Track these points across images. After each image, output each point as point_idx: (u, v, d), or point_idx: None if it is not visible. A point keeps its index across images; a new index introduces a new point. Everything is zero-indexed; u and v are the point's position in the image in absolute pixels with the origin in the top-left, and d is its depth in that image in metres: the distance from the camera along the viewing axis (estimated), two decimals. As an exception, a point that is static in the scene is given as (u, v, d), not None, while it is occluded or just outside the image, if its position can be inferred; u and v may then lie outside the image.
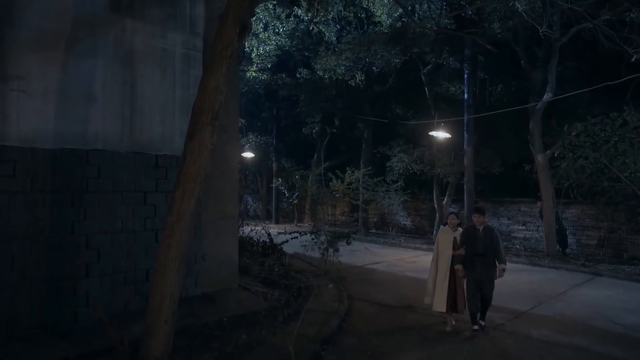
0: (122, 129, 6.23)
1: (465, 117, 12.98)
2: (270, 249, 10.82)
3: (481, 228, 6.14)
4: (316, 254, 9.78)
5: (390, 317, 6.91)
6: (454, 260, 6.21)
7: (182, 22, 6.85)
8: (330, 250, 9.48)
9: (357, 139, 18.96)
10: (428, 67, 14.49)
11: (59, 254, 5.65)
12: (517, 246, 13.60)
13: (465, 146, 13.32)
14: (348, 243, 8.96)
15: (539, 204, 12.50)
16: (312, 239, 9.64)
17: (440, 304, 6.24)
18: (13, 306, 5.30)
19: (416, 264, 11.34)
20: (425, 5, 12.11)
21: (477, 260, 6.02)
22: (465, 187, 13.32)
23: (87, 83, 5.90)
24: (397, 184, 14.73)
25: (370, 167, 13.72)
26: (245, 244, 10.88)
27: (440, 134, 12.13)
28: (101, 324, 5.35)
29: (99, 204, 5.98)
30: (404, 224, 17.49)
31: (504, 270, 6.04)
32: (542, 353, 5.43)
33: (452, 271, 6.24)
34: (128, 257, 6.25)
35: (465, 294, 6.20)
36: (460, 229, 6.41)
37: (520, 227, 14.23)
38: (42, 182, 5.54)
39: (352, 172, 9.40)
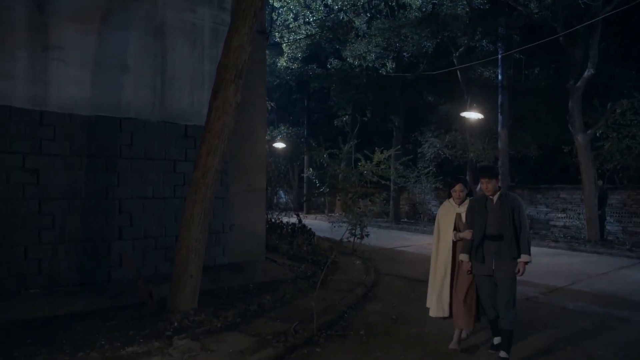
0: (154, 99, 6.46)
1: (500, 99, 12.57)
2: (300, 230, 10.87)
3: (495, 197, 3.93)
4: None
5: (416, 289, 6.76)
6: (458, 247, 4.24)
7: (211, -3, 7.02)
8: (358, 230, 9.40)
9: (388, 129, 18.77)
10: (460, 50, 14.14)
11: (94, 216, 5.93)
12: (556, 234, 13.01)
13: (499, 129, 12.89)
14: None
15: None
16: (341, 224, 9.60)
17: (439, 308, 4.33)
18: (54, 262, 5.60)
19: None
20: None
21: (489, 247, 3.89)
22: (499, 171, 12.88)
23: (121, 54, 6.16)
24: (428, 169, 14.44)
25: (399, 147, 13.51)
26: (275, 227, 10.99)
27: (473, 115, 11.79)
28: (132, 283, 5.58)
29: (131, 170, 6.23)
30: (436, 213, 17.12)
31: (526, 263, 3.84)
32: (577, 321, 5.16)
33: (456, 264, 4.29)
34: (158, 223, 6.46)
35: (478, 300, 4.22)
36: (467, 202, 4.30)
37: (559, 215, 13.61)
38: (79, 147, 5.83)
39: (382, 151, 9.24)
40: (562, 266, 8.64)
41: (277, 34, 16.39)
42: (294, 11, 16.40)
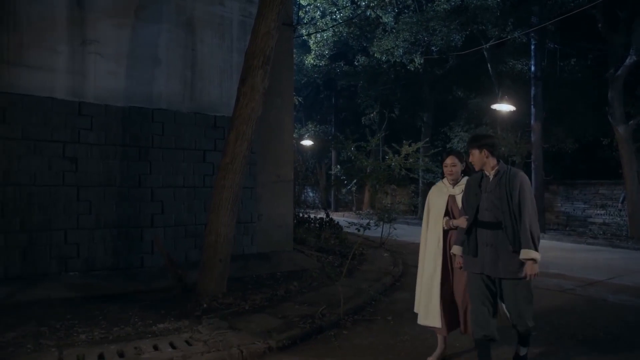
0: (184, 90, 6.63)
1: (533, 91, 12.16)
2: (327, 224, 10.88)
3: (492, 175, 3.06)
4: (374, 233, 9.68)
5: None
6: (450, 238, 3.44)
7: (239, -9, 7.14)
8: (387, 226, 9.31)
9: (417, 126, 18.52)
10: (491, 43, 13.79)
11: (128, 203, 6.13)
12: (595, 231, 12.46)
13: (532, 122, 12.48)
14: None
15: None
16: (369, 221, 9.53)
17: (427, 314, 3.48)
18: (91, 246, 5.83)
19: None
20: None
21: (483, 236, 3.05)
22: (532, 165, 12.45)
23: (153, 47, 6.36)
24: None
25: (428, 140, 13.28)
26: (303, 221, 11.06)
27: (504, 107, 11.45)
28: (163, 269, 5.74)
29: (163, 159, 6.41)
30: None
31: (534, 261, 2.88)
32: (619, 313, 4.92)
33: (448, 258, 3.46)
34: (188, 211, 6.62)
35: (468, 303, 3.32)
36: (464, 181, 3.41)
37: (598, 212, 13.03)
38: (114, 137, 6.05)
39: (409, 144, 9.13)
40: (601, 261, 8.26)
41: (304, 31, 16.48)
42: (321, 8, 16.45)
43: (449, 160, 3.47)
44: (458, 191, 3.44)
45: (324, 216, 11.18)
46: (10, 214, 5.34)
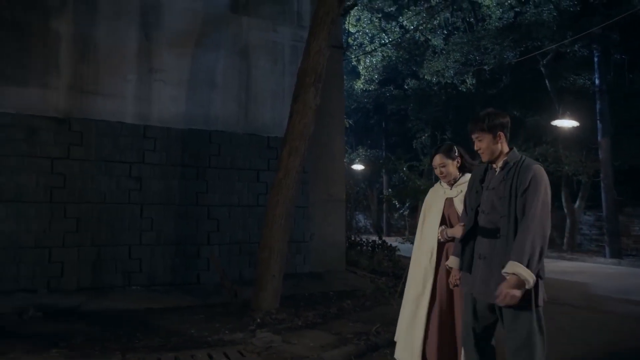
0: (239, 112, 6.91)
1: (598, 105, 11.43)
2: (380, 247, 10.66)
3: (498, 167, 2.34)
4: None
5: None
6: (447, 251, 2.81)
7: (291, 17, 7.45)
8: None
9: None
10: (548, 58, 13.25)
11: (186, 221, 6.38)
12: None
13: (599, 138, 11.66)
14: None
15: None
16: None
17: (405, 349, 2.86)
18: (152, 262, 6.09)
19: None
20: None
21: (479, 247, 2.35)
22: (602, 185, 11.54)
23: (211, 73, 6.73)
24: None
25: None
26: (355, 244, 10.93)
27: (567, 123, 10.83)
28: (218, 286, 5.85)
29: (219, 179, 6.65)
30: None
31: (518, 280, 2.03)
32: None
33: (444, 277, 2.80)
34: (243, 230, 6.76)
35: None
36: (465, 179, 2.80)
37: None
38: (175, 157, 6.38)
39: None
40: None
41: (353, 57, 16.80)
42: (370, 34, 16.75)
43: (436, 161, 2.87)
44: (456, 193, 2.80)
45: (377, 239, 10.98)
46: (84, 229, 5.74)
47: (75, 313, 4.81)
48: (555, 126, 11.54)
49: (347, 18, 15.65)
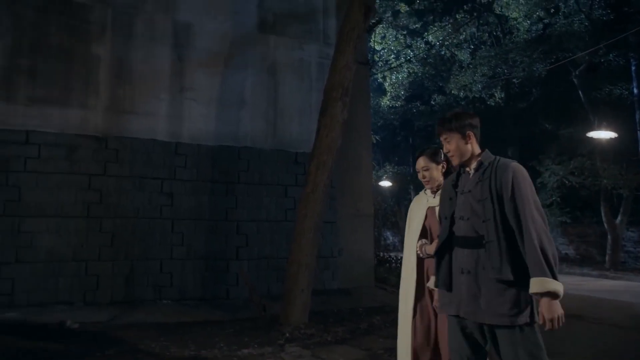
0: (267, 129, 7.03)
1: (638, 115, 10.98)
2: (408, 264, 10.44)
3: (472, 169, 2.11)
4: None
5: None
6: (428, 268, 2.59)
7: (317, 36, 7.59)
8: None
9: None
10: (580, 69, 12.90)
11: (215, 236, 6.47)
12: None
13: (640, 149, 11.17)
14: None
15: None
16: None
17: None
18: (182, 276, 6.18)
19: (583, 285, 9.60)
20: (572, 0, 11.01)
21: (458, 259, 2.07)
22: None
23: (240, 91, 6.91)
24: (551, 199, 12.92)
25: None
26: (383, 261, 10.78)
27: (603, 134, 10.44)
28: (247, 301, 5.87)
29: (247, 194, 6.74)
30: (565, 253, 15.06)
31: (552, 297, 1.79)
32: None
33: (426, 295, 2.58)
34: (271, 245, 6.78)
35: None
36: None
37: None
38: (205, 173, 6.53)
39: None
40: None
41: (379, 74, 16.88)
42: (395, 51, 16.83)
43: (419, 164, 2.65)
44: (439, 201, 2.50)
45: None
46: (118, 244, 5.91)
47: (109, 325, 4.92)
48: (591, 138, 11.15)
49: (373, 36, 15.81)
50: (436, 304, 2.30)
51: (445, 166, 2.59)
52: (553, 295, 1.77)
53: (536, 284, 1.78)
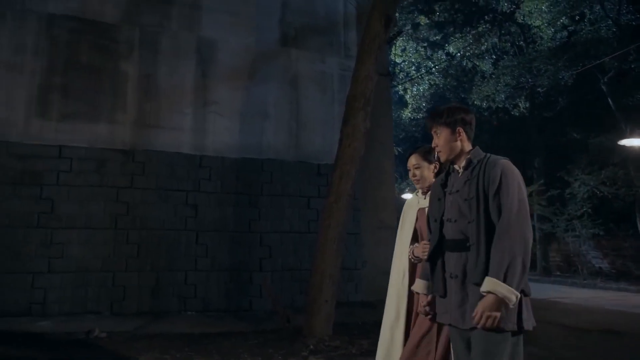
0: (290, 141, 7.09)
1: (671, 122, 10.54)
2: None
3: (461, 167, 1.99)
4: None
5: (582, 337, 5.68)
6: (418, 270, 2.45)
7: (338, 48, 7.67)
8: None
9: (527, 175, 17.12)
10: (609, 75, 12.55)
11: (239, 247, 6.50)
12: None
13: (676, 158, 10.70)
14: None
15: None
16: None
17: None
18: (206, 287, 6.22)
19: (621, 300, 9.17)
20: (598, 6, 10.79)
21: (448, 263, 1.96)
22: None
23: (262, 103, 7.01)
24: (582, 210, 12.47)
25: (542, 181, 12.07)
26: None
27: (636, 142, 10.06)
28: (270, 313, 5.84)
29: (270, 206, 6.77)
30: (599, 267, 14.44)
31: (496, 299, 1.67)
32: None
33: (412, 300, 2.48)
34: (294, 256, 6.77)
35: None
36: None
37: None
38: (228, 185, 6.60)
39: (521, 187, 8.48)
40: None
41: (399, 86, 16.87)
42: (415, 63, 16.81)
43: (410, 161, 2.55)
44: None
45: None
46: (144, 255, 6.00)
47: (135, 335, 4.97)
48: (623, 146, 10.77)
49: (393, 49, 15.87)
50: (419, 309, 2.17)
51: (437, 166, 2.48)
52: (497, 297, 1.66)
53: (486, 282, 1.70)
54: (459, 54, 16.35)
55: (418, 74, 16.90)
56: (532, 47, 13.46)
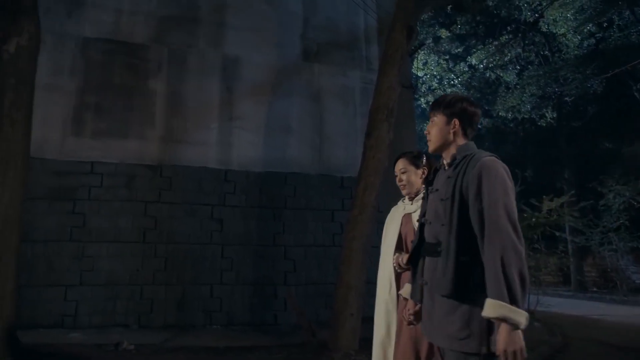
0: (313, 154, 7.12)
1: None
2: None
3: (447, 165, 1.84)
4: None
5: (625, 356, 5.38)
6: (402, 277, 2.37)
7: (360, 62, 7.72)
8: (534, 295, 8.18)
9: (556, 186, 16.59)
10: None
11: (263, 261, 6.51)
12: None
13: None
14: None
15: None
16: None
17: None
18: (231, 301, 6.23)
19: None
20: (628, 11, 10.53)
21: (425, 269, 1.81)
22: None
23: (286, 118, 7.09)
24: (618, 222, 11.94)
25: (574, 192, 11.61)
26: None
27: (672, 150, 9.63)
28: (295, 327, 5.79)
29: (294, 220, 6.78)
30: (639, 282, 13.77)
31: (510, 326, 1.44)
32: None
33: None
34: (319, 270, 6.72)
35: None
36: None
37: None
38: (253, 199, 6.66)
39: (551, 198, 8.18)
40: None
41: (422, 100, 16.78)
42: (438, 76, 16.73)
43: (397, 166, 2.47)
44: (415, 208, 2.31)
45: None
46: (171, 268, 6.09)
47: (161, 348, 5.01)
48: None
49: (415, 62, 15.86)
50: (405, 315, 2.00)
51: (425, 172, 2.38)
52: (510, 323, 1.44)
53: (489, 307, 1.47)
54: (481, 66, 16.19)
55: (440, 86, 16.79)
56: (558, 55, 13.20)
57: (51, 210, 5.78)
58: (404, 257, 2.22)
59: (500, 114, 14.84)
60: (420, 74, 17.47)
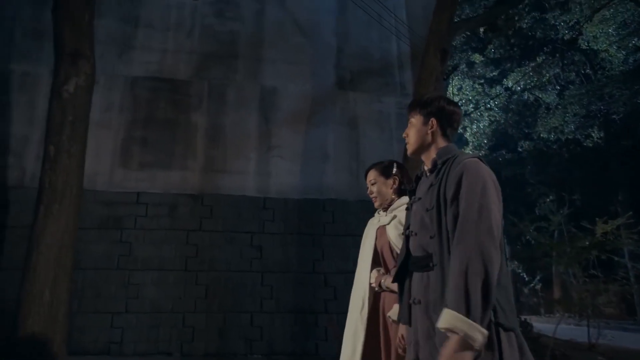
0: (350, 180, 7.10)
1: None
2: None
3: (428, 171, 1.74)
4: (575, 336, 8.03)
5: None
6: (383, 302, 2.25)
7: (394, 88, 7.77)
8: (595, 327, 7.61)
9: (610, 210, 15.63)
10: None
11: (303, 288, 6.43)
12: None
13: None
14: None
15: None
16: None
17: None
18: (271, 330, 6.15)
19: None
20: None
21: (413, 286, 1.65)
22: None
23: (322, 145, 7.17)
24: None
25: (631, 213, 10.80)
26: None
27: None
28: (338, 357, 5.61)
29: (334, 246, 6.71)
30: None
31: (459, 339, 1.32)
32: None
33: (374, 333, 2.24)
34: (359, 298, 6.54)
35: None
36: (402, 202, 2.31)
37: None
38: (291, 226, 6.67)
39: (606, 220, 7.70)
40: None
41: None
42: (473, 100, 16.52)
43: (368, 177, 2.40)
44: (389, 219, 2.17)
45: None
46: (212, 296, 6.12)
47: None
48: None
49: (450, 88, 15.78)
50: (399, 343, 1.83)
51: (396, 181, 2.31)
52: (459, 336, 1.29)
53: (443, 317, 1.34)
54: (519, 88, 15.87)
55: (476, 110, 16.54)
56: (601, 73, 12.76)
57: (100, 239, 6.03)
58: (387, 279, 2.06)
59: (542, 135, 14.36)
60: (455, 99, 17.33)
